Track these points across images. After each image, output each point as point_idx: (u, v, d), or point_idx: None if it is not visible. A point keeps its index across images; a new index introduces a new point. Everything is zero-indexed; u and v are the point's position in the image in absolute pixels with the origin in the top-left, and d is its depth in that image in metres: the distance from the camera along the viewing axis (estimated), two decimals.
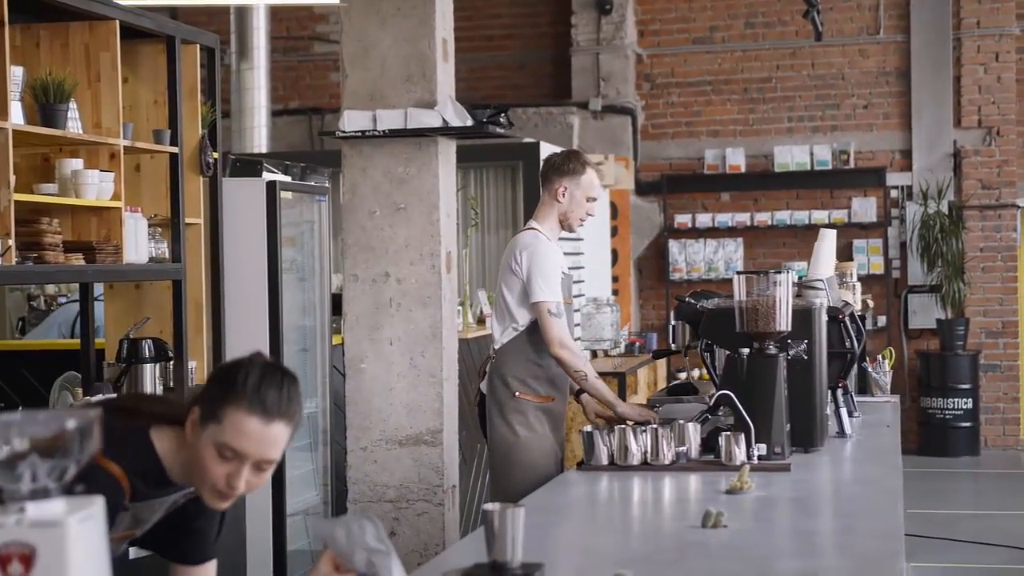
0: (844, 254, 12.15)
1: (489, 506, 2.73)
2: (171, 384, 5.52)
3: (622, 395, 8.98)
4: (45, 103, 4.74)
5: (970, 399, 12.07)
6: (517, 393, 5.10)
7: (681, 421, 4.37)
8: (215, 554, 2.87)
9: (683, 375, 11.94)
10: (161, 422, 2.66)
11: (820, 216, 12.39)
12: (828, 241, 5.50)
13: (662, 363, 11.21)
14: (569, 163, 5.22)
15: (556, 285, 5.06)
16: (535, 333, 5.10)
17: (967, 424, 12.08)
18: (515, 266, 5.09)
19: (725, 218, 12.66)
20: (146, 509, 2.68)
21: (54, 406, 5.52)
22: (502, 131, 6.08)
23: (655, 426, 4.31)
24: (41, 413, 1.77)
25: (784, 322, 4.38)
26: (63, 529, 1.72)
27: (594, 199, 5.24)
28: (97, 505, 1.79)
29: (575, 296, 8.38)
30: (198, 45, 5.80)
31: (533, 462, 5.06)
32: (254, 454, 2.52)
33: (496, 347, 5.20)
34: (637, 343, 11.04)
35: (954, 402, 12.04)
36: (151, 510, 2.69)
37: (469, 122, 5.78)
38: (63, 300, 8.82)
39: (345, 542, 2.50)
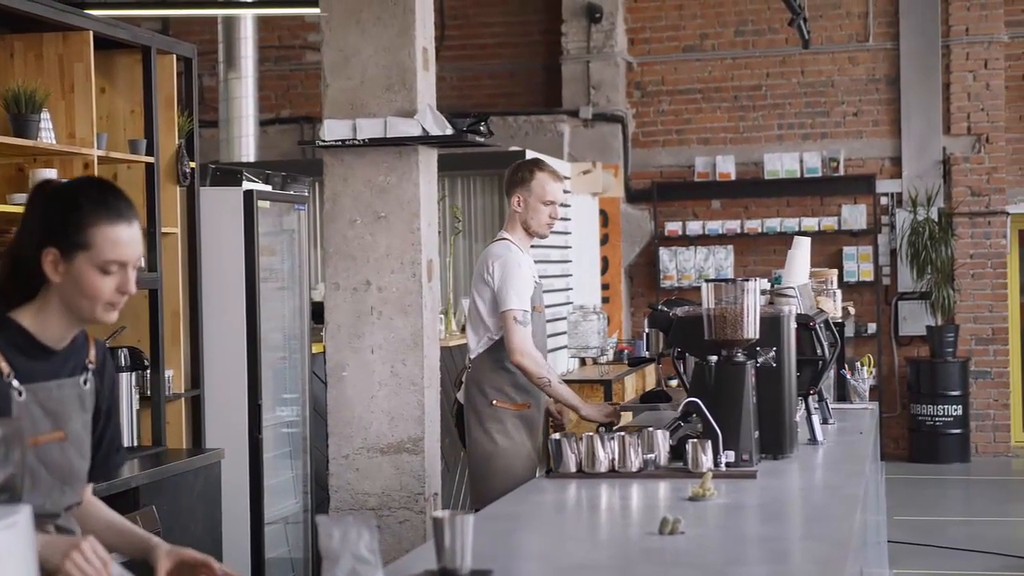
0: (834, 261, 12.17)
1: (438, 514, 2.75)
2: (148, 393, 5.54)
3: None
4: (17, 113, 4.76)
5: (960, 406, 12.07)
6: (494, 401, 5.19)
7: (650, 428, 4.38)
8: (112, 469, 2.92)
9: (674, 383, 11.95)
10: (11, 307, 2.69)
11: (810, 223, 12.40)
12: (802, 249, 5.51)
13: (651, 370, 11.23)
14: (518, 173, 5.35)
15: (526, 295, 5.14)
16: None
17: (957, 431, 12.09)
18: (487, 276, 5.19)
19: (715, 226, 12.68)
20: (46, 393, 2.67)
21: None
22: (482, 140, 6.10)
23: (623, 433, 4.32)
24: None
25: (752, 330, 4.39)
26: None
27: (551, 202, 5.31)
28: (23, 513, 1.81)
29: (552, 305, 8.41)
30: (175, 55, 5.82)
31: (512, 469, 5.11)
32: (131, 257, 2.67)
33: (472, 356, 5.28)
34: (627, 351, 11.05)
35: (944, 409, 12.05)
36: (54, 396, 2.69)
37: (449, 131, 5.80)
38: None
39: (337, 543, 2.53)
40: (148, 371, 5.52)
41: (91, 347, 2.82)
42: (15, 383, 2.62)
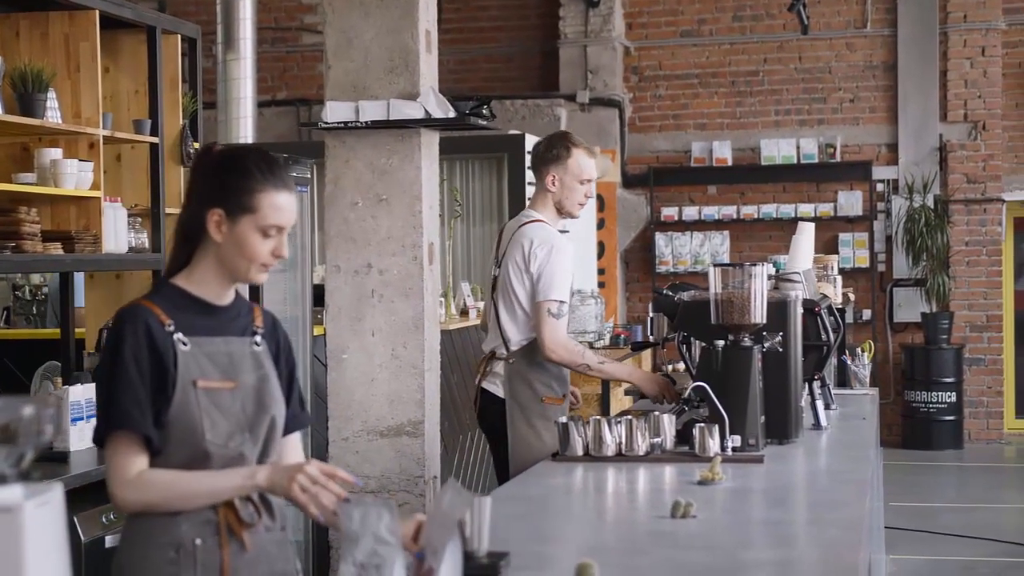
0: (830, 247, 12.19)
1: None
2: None
3: (605, 387, 8.99)
4: (24, 92, 4.74)
5: (954, 393, 12.11)
6: (544, 398, 5.02)
7: (656, 412, 4.39)
8: (305, 422, 3.04)
9: (669, 367, 11.97)
10: (170, 276, 2.86)
11: (806, 209, 12.42)
12: (806, 234, 5.52)
13: (647, 355, 11.25)
14: (553, 149, 5.10)
15: (566, 286, 4.95)
16: None
17: (951, 418, 12.13)
18: (530, 261, 4.96)
19: (712, 211, 12.69)
20: (213, 347, 2.81)
21: (35, 395, 5.52)
22: (484, 123, 6.09)
23: (630, 417, 4.31)
24: None
25: (759, 314, 4.39)
26: (20, 514, 1.73)
27: (587, 180, 5.09)
28: (56, 492, 1.81)
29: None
30: (179, 35, 5.81)
31: None
32: (289, 222, 2.83)
33: (513, 347, 5.05)
34: (623, 335, 11.07)
35: (938, 395, 12.09)
36: (222, 351, 2.82)
37: (451, 114, 5.79)
38: (47, 290, 8.82)
39: (358, 525, 2.55)
40: None
41: (257, 313, 2.95)
42: (179, 335, 2.77)
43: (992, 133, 12.38)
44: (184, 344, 2.77)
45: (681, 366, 11.77)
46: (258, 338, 2.90)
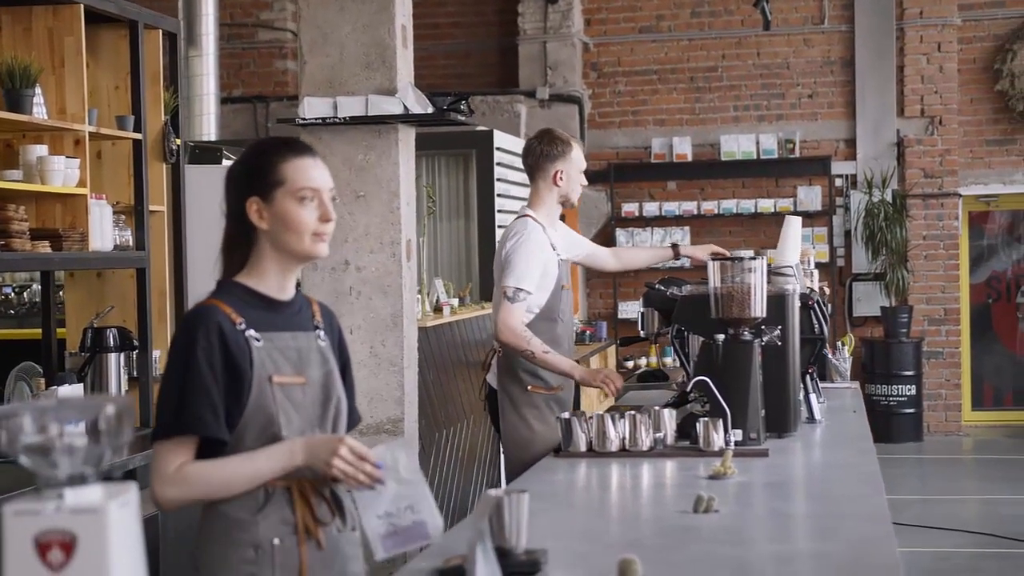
0: None
1: (494, 492, 2.73)
2: (135, 374, 5.45)
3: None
4: (11, 88, 4.66)
5: (913, 386, 12.21)
6: (529, 387, 5.07)
7: (656, 407, 4.38)
8: (354, 421, 2.99)
9: (630, 364, 11.99)
10: (233, 275, 2.84)
11: (766, 205, 12.48)
12: (794, 227, 5.52)
13: (612, 351, 11.26)
14: (557, 147, 5.20)
15: (527, 274, 4.99)
16: (541, 323, 5.04)
17: (911, 410, 12.23)
18: (503, 251, 5.07)
19: (672, 207, 12.71)
20: (283, 342, 2.80)
21: (10, 398, 5.43)
22: (463, 119, 6.08)
23: (633, 412, 4.30)
24: (77, 399, 1.75)
25: (759, 308, 4.40)
26: (103, 515, 1.70)
27: (584, 169, 5.30)
28: (132, 492, 1.77)
29: None
30: (160, 31, 5.73)
31: (549, 454, 5.00)
32: (323, 184, 2.81)
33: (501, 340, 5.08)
34: (587, 332, 11.09)
35: (898, 389, 12.18)
36: (291, 345, 2.81)
37: (430, 109, 5.78)
38: (8, 290, 8.71)
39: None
40: (136, 351, 5.43)
41: (314, 307, 2.93)
42: (251, 332, 2.75)
43: (948, 128, 12.49)
44: (257, 340, 2.76)
45: (643, 362, 11.80)
46: (321, 332, 2.88)
